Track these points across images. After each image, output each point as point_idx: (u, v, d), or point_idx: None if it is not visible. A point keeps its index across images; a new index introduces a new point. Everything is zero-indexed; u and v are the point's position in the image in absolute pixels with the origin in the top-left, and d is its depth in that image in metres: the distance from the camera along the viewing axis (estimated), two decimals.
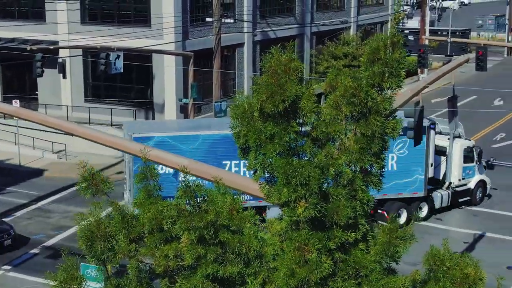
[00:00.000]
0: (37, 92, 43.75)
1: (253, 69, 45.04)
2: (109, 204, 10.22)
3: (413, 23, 73.46)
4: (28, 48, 36.32)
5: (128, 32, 38.58)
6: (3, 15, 44.22)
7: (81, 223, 10.08)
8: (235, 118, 9.57)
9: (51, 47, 38.01)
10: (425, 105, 30.81)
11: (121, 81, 41.20)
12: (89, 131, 18.96)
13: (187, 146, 27.14)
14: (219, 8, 37.51)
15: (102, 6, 42.60)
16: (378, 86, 9.67)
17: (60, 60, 37.88)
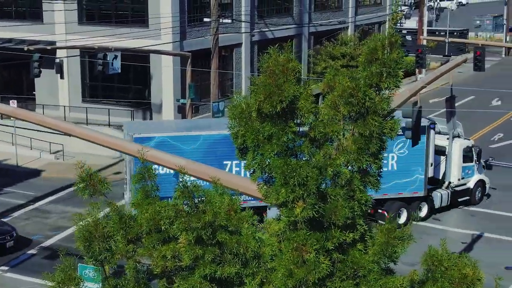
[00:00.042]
0: (34, 92, 43.71)
1: (251, 69, 45.04)
2: (106, 204, 10.21)
3: (411, 23, 73.53)
4: (25, 48, 36.29)
5: (125, 32, 38.56)
6: (0, 15, 44.17)
7: (79, 223, 10.07)
8: (233, 118, 9.56)
9: (48, 47, 37.98)
10: (423, 105, 30.81)
11: (118, 82, 41.18)
12: (86, 131, 18.93)
13: (188, 146, 27.16)
14: (216, 8, 37.51)
15: (99, 6, 42.57)
16: (376, 86, 9.66)
17: (57, 60, 37.83)
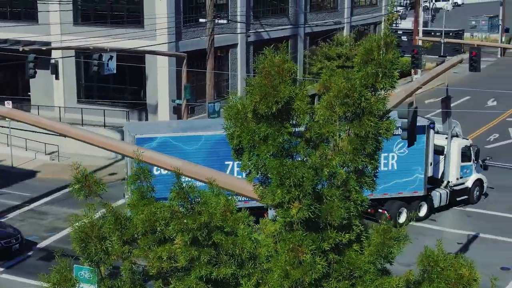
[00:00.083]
0: (29, 93, 43.63)
1: (246, 70, 45.01)
2: (102, 205, 10.19)
3: (407, 24, 73.57)
4: (20, 49, 36.21)
5: (121, 33, 38.50)
6: None
7: (75, 224, 10.05)
8: (228, 119, 9.55)
9: (43, 48, 37.90)
10: (419, 105, 30.84)
11: (114, 82, 41.12)
12: (82, 132, 18.91)
13: (190, 146, 27.18)
14: (212, 8, 37.48)
15: (94, 7, 42.51)
16: (371, 86, 9.66)
17: (52, 61, 37.79)
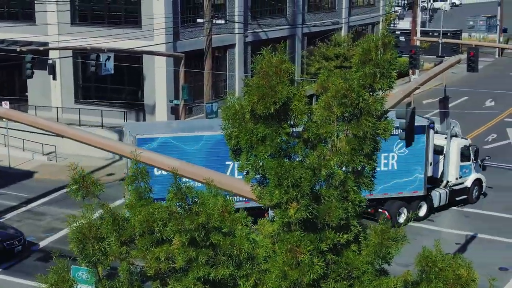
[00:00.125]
0: (27, 93, 43.57)
1: (244, 70, 44.99)
2: (100, 206, 10.17)
3: (405, 24, 73.56)
4: (18, 49, 36.17)
5: (118, 33, 38.46)
6: None
7: (73, 225, 10.02)
8: (226, 119, 9.54)
9: (41, 48, 37.86)
10: (417, 106, 30.86)
11: (111, 83, 41.08)
12: (79, 132, 18.87)
13: (191, 146, 27.21)
14: (210, 9, 37.46)
15: (92, 7, 42.46)
16: (369, 87, 9.66)
17: (50, 61, 37.71)
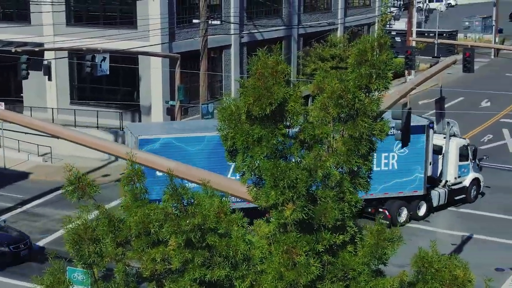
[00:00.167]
0: (22, 94, 43.49)
1: (240, 71, 44.98)
2: (95, 207, 10.15)
3: (400, 25, 73.63)
4: (13, 50, 36.08)
5: (114, 33, 38.41)
6: None
7: (68, 226, 10.00)
8: (222, 120, 9.53)
9: (36, 49, 37.77)
10: (413, 106, 30.86)
11: (107, 83, 41.02)
12: (74, 133, 18.85)
13: (193, 147, 27.24)
14: (205, 9, 37.44)
15: (87, 7, 42.41)
16: (365, 87, 9.66)
17: (45, 62, 37.64)
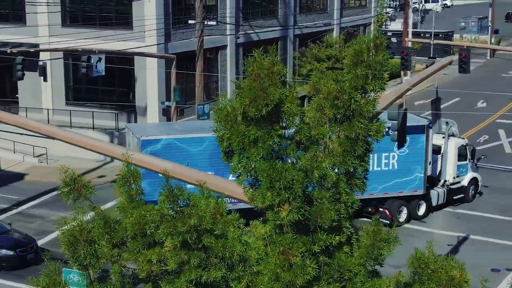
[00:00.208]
0: (17, 95, 43.41)
1: (236, 72, 44.97)
2: (91, 209, 10.12)
3: (396, 25, 73.70)
4: (8, 51, 36.03)
5: (109, 34, 38.37)
6: None
7: (63, 227, 9.98)
8: (218, 121, 9.51)
9: (31, 50, 37.73)
10: (409, 107, 30.90)
11: (102, 84, 40.98)
12: (70, 134, 18.82)
13: (194, 148, 27.28)
14: (201, 10, 37.42)
15: (83, 8, 42.36)
16: (361, 88, 9.65)
17: (40, 63, 37.59)
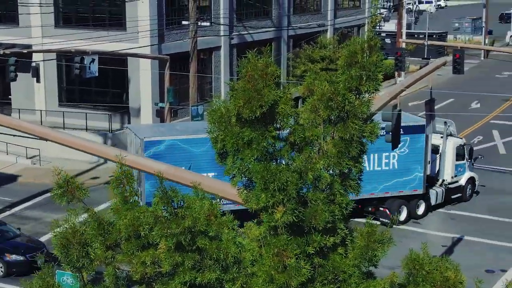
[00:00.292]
0: (10, 96, 43.29)
1: (230, 73, 44.94)
2: (84, 210, 10.07)
3: (390, 26, 73.81)
4: (1, 52, 35.94)
5: (103, 35, 38.30)
6: None
7: (56, 230, 9.93)
8: (212, 122, 9.49)
9: (24, 51, 37.61)
10: (403, 108, 30.93)
11: (96, 85, 40.88)
12: (63, 136, 18.75)
13: (197, 149, 27.26)
14: (195, 11, 37.37)
15: (76, 9, 42.25)
16: (355, 89, 9.63)
17: (33, 64, 37.48)
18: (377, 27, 69.45)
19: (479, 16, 77.62)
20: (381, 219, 29.46)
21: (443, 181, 32.01)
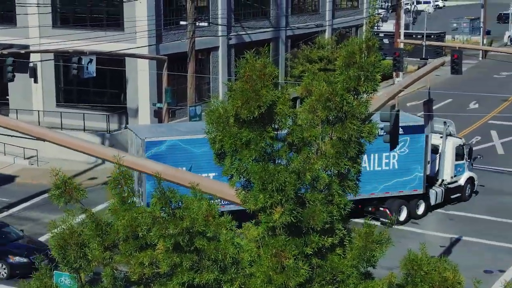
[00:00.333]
0: (8, 97, 43.25)
1: (228, 73, 44.93)
2: (82, 211, 10.06)
3: (388, 27, 73.78)
4: None
5: (100, 35, 38.27)
6: None
7: (54, 231, 9.92)
8: (210, 123, 9.48)
9: (22, 51, 37.59)
10: (401, 108, 30.98)
11: (93, 86, 40.84)
12: (60, 136, 18.72)
13: (199, 149, 27.21)
14: (193, 11, 37.36)
15: (74, 9, 42.22)
16: (354, 90, 9.63)
17: (31, 64, 37.45)
18: (375, 28, 69.49)
19: (477, 16, 77.66)
20: (381, 219, 29.50)
21: (443, 181, 32.12)
